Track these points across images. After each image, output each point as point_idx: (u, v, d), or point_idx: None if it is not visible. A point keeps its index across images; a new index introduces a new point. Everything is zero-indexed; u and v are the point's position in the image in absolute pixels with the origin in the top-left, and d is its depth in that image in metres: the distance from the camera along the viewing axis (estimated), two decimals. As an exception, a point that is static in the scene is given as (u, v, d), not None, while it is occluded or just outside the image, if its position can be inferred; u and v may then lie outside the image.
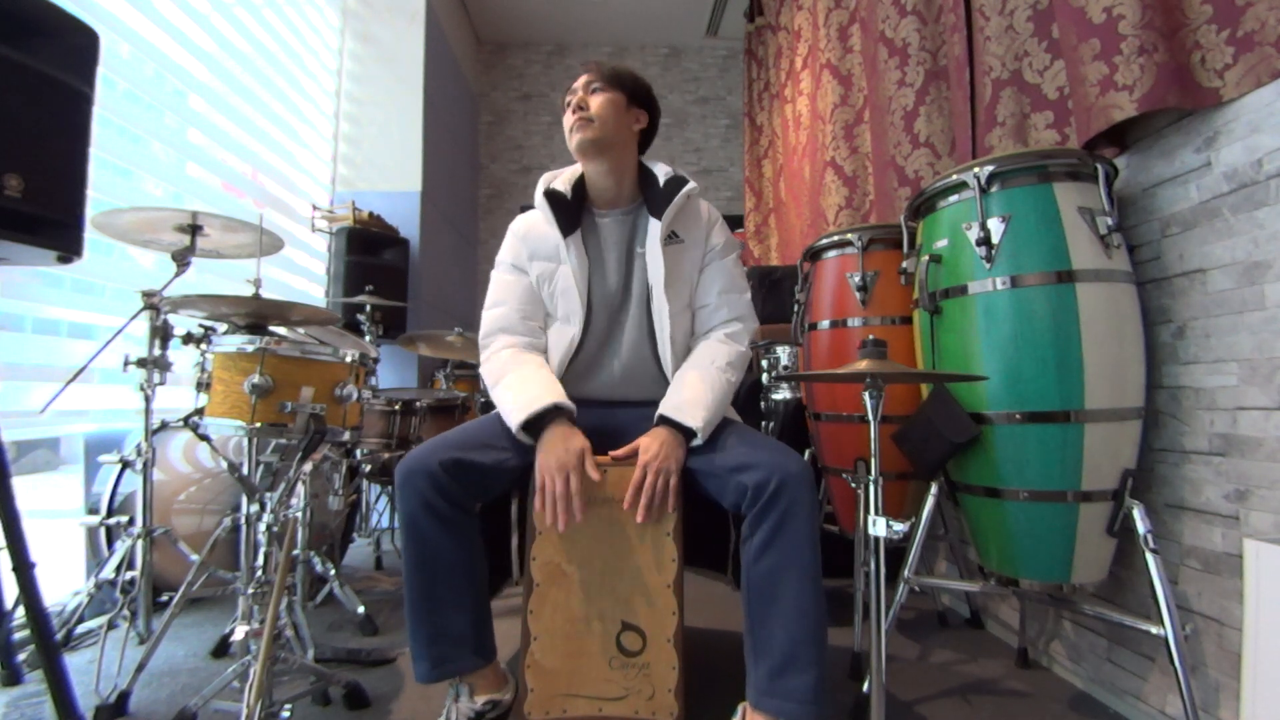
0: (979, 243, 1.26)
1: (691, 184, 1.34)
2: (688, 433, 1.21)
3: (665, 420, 1.22)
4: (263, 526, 1.26)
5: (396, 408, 2.42)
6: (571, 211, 1.34)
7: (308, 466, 1.39)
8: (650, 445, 1.19)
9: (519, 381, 1.26)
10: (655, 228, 1.32)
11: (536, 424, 1.20)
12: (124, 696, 1.31)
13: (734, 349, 1.33)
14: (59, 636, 1.55)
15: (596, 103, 1.30)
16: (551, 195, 1.33)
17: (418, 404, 2.45)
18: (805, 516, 1.09)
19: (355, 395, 1.57)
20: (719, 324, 1.37)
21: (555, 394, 1.23)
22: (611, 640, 1.21)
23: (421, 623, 1.17)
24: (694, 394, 1.24)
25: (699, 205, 1.40)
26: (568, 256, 1.32)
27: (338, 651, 1.59)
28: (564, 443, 1.17)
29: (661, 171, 1.37)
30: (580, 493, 1.14)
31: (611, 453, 1.22)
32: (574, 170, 1.39)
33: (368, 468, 2.23)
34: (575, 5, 4.34)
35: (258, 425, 1.37)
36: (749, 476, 1.11)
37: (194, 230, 1.50)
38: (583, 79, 1.34)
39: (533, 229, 1.38)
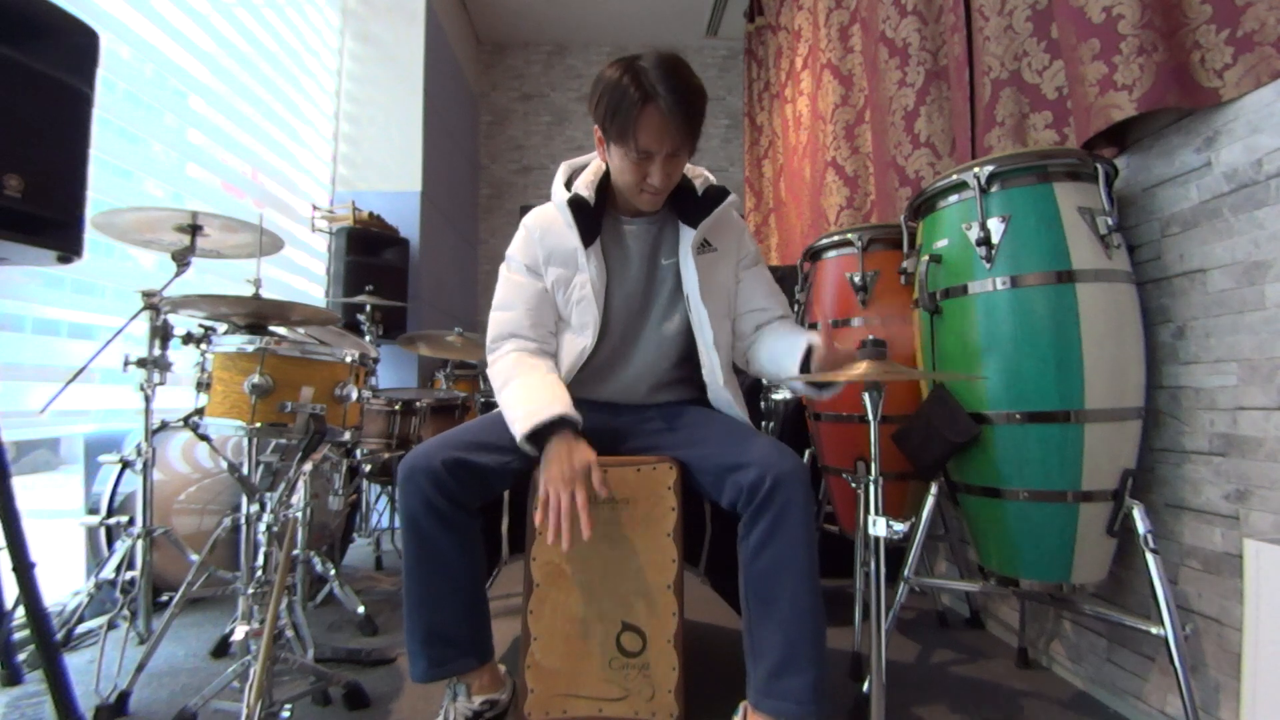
0: (979, 243, 1.26)
1: (732, 196, 1.30)
2: None
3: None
4: (263, 526, 1.25)
5: (396, 408, 2.42)
6: (593, 218, 1.27)
7: (308, 466, 1.39)
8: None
9: (524, 389, 1.21)
10: (689, 236, 1.29)
11: (541, 435, 1.16)
12: (124, 696, 1.31)
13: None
14: (59, 636, 1.55)
15: (677, 169, 1.21)
16: (575, 203, 1.25)
17: (418, 404, 2.45)
18: (799, 516, 1.08)
19: (355, 395, 1.58)
20: (776, 318, 1.38)
21: (562, 404, 1.17)
22: (611, 641, 1.21)
23: (419, 621, 1.17)
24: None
25: (732, 214, 1.36)
26: (587, 265, 1.27)
27: (338, 651, 1.59)
28: (569, 456, 1.13)
29: (698, 179, 1.31)
30: (585, 508, 1.09)
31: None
32: (597, 168, 1.30)
33: (368, 468, 2.23)
34: (575, 5, 4.34)
35: (258, 425, 1.37)
36: (744, 476, 1.11)
37: (194, 230, 1.50)
38: (667, 143, 1.15)
39: (550, 230, 1.30)
